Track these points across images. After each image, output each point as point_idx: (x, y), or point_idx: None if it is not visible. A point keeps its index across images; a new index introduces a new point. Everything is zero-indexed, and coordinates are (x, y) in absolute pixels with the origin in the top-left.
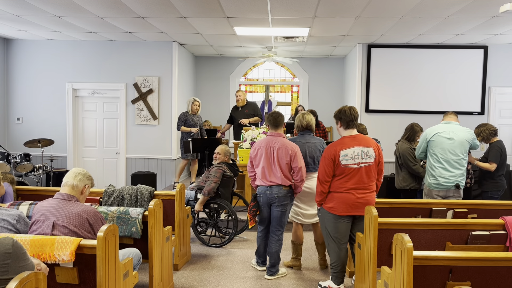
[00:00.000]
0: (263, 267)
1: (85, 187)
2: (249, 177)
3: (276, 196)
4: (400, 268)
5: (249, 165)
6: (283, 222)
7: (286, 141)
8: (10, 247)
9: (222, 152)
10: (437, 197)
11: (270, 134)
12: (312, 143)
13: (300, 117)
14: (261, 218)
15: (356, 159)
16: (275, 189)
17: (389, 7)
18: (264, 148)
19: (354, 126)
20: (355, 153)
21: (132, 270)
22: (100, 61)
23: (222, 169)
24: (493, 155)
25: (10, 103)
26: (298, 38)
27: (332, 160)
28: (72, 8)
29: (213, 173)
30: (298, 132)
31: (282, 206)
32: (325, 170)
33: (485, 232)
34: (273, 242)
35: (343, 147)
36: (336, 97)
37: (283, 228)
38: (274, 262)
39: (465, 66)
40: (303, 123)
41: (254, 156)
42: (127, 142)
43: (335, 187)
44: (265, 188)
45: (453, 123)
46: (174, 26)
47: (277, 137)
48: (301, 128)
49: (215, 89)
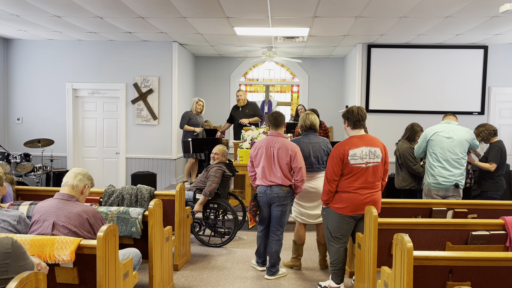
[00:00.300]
0: (263, 267)
1: (85, 187)
2: (250, 177)
3: (276, 196)
4: (400, 268)
5: (249, 165)
6: (283, 222)
7: (287, 141)
8: (10, 247)
9: (220, 152)
10: (436, 196)
11: (270, 134)
12: (317, 143)
13: (304, 117)
14: (261, 218)
15: (364, 159)
16: (275, 189)
17: (389, 7)
18: (264, 148)
19: (361, 126)
20: (363, 152)
21: (132, 270)
22: (100, 61)
23: (221, 169)
24: (493, 155)
25: (10, 103)
26: (298, 38)
27: (341, 159)
28: (72, 8)
29: (213, 173)
30: (302, 132)
31: (282, 206)
32: (334, 169)
33: (485, 232)
34: (273, 242)
35: (352, 147)
36: (336, 97)
37: (283, 228)
38: (274, 262)
39: (465, 66)
40: (306, 123)
41: (255, 156)
42: (127, 142)
43: (342, 187)
44: (265, 188)
45: (453, 123)
46: (174, 26)
47: (278, 137)
48: (305, 128)
49: (215, 89)
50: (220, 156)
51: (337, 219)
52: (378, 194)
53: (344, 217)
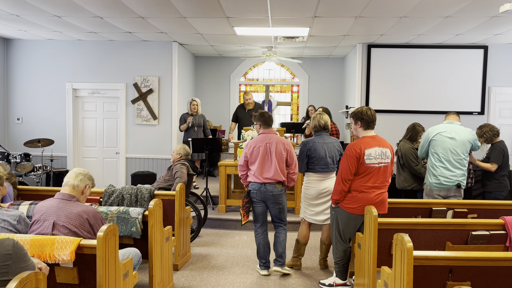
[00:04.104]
0: (266, 270)
1: (86, 187)
2: (240, 176)
3: (270, 195)
4: (400, 268)
5: (241, 164)
6: (283, 217)
7: (281, 137)
8: (11, 248)
9: (182, 151)
10: (438, 196)
11: (263, 132)
12: (330, 143)
13: (317, 117)
14: (255, 215)
15: (377, 159)
16: (269, 187)
17: (389, 7)
18: (261, 145)
19: (373, 127)
20: (377, 153)
21: (132, 270)
22: (100, 61)
23: (186, 165)
24: (495, 156)
25: (10, 103)
26: (298, 38)
27: (357, 158)
28: (72, 8)
29: (179, 169)
30: (315, 132)
31: (278, 204)
32: (350, 168)
33: (485, 232)
34: (280, 231)
35: (367, 146)
36: (336, 97)
37: (285, 220)
38: (282, 252)
39: (465, 66)
40: (321, 123)
41: (250, 154)
42: (127, 142)
43: (355, 187)
44: (259, 185)
45: (455, 123)
46: (174, 26)
47: (271, 134)
48: (318, 128)
49: (215, 89)
50: (183, 156)
51: (349, 219)
52: (387, 194)
53: (355, 217)
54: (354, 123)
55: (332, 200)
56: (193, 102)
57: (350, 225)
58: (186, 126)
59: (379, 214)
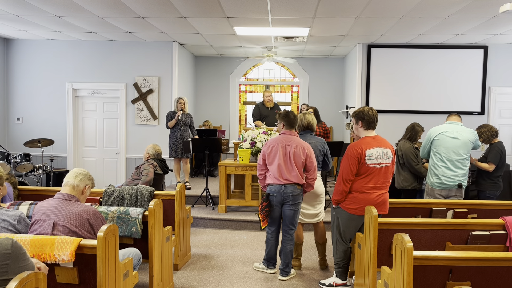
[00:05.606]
0: (274, 269)
1: (86, 188)
2: (258, 176)
3: (291, 195)
4: (400, 268)
5: (260, 163)
6: (295, 221)
7: (301, 140)
8: (10, 248)
9: (151, 151)
10: (439, 196)
11: (284, 132)
12: (313, 143)
13: (301, 116)
14: (272, 218)
15: (378, 159)
16: (289, 188)
17: (389, 7)
18: (280, 146)
19: (375, 127)
20: (378, 153)
21: (132, 270)
22: (100, 61)
23: (153, 165)
24: (493, 156)
25: (10, 103)
26: (298, 38)
27: (358, 159)
28: (72, 8)
29: (146, 168)
30: (299, 131)
31: (295, 205)
32: (351, 168)
33: (485, 232)
34: (287, 241)
35: (368, 147)
36: (336, 97)
37: (295, 227)
38: (288, 262)
39: (465, 66)
40: (304, 122)
41: (268, 154)
42: (127, 142)
43: (356, 187)
44: (279, 187)
45: (457, 123)
46: (174, 26)
47: (292, 136)
48: (302, 127)
49: (215, 89)
50: (152, 155)
51: (350, 220)
52: (387, 194)
53: (356, 218)
54: (355, 123)
55: (333, 201)
56: (179, 100)
57: (350, 225)
58: (175, 121)
59: (380, 214)
